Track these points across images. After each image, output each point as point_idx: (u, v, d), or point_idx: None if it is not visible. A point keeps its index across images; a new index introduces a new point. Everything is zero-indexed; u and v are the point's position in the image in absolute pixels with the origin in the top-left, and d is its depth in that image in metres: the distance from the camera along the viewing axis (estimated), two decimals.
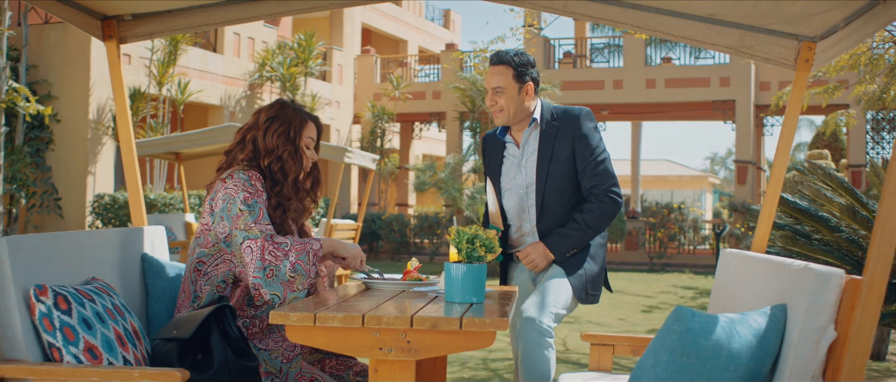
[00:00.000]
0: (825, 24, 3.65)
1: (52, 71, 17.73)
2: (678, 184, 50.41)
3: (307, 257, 3.25)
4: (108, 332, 2.94)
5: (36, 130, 17.39)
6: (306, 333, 2.69)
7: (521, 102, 3.99)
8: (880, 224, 2.57)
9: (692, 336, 2.62)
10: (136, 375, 2.78)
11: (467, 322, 2.61)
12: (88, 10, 3.92)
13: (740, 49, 4.04)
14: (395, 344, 2.65)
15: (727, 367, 2.63)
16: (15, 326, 2.84)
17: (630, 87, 24.18)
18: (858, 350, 2.55)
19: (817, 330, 2.64)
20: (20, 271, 2.88)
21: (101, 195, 17.25)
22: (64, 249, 3.18)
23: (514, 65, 3.96)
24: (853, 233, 5.30)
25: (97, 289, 3.09)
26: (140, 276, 3.67)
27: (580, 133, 3.96)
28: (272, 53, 22.36)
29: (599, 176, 3.93)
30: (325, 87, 25.20)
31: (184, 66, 19.70)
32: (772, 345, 2.73)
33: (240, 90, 21.92)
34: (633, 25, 4.07)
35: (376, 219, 23.45)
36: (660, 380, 2.66)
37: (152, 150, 12.45)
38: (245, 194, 3.30)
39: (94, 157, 17.60)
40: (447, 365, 7.28)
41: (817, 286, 2.66)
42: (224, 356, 3.03)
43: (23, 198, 16.73)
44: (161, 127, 18.66)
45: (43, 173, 17.47)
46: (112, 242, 3.54)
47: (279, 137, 3.49)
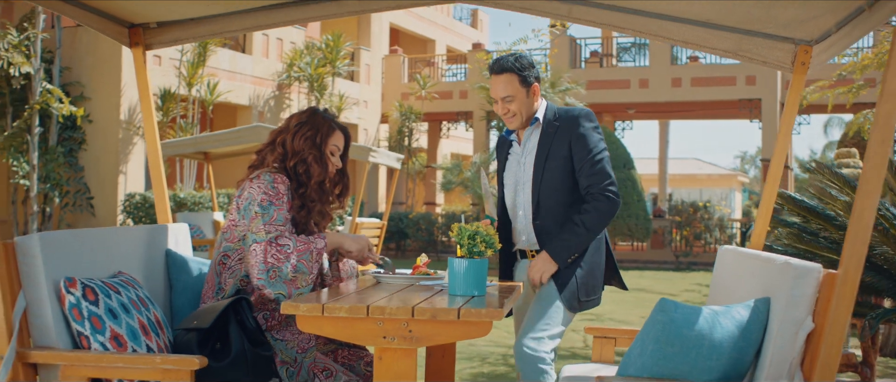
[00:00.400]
0: (819, 29, 3.79)
1: (84, 73, 18.08)
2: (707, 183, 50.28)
3: (310, 255, 3.45)
4: (132, 322, 3.15)
5: (69, 131, 17.75)
6: (315, 322, 2.88)
7: (531, 104, 4.04)
8: (854, 222, 2.72)
9: (675, 326, 2.78)
10: (158, 361, 2.99)
11: (465, 313, 2.79)
12: (116, 18, 4.14)
13: (738, 52, 4.19)
14: (397, 333, 2.83)
15: (710, 356, 2.80)
16: (46, 316, 3.05)
17: (656, 85, 24.23)
18: (833, 341, 2.71)
19: (796, 322, 2.80)
20: (51, 265, 3.09)
21: (132, 194, 17.58)
22: (92, 244, 3.40)
23: (517, 70, 3.99)
24: None
25: (123, 282, 3.30)
26: (164, 270, 3.88)
27: (578, 133, 3.96)
28: (300, 54, 22.62)
29: (596, 175, 3.92)
30: (352, 86, 25.44)
31: (213, 66, 20.00)
32: (754, 336, 2.89)
33: (268, 90, 22.20)
34: (635, 30, 4.23)
35: (404, 218, 23.66)
36: (646, 367, 2.83)
37: (181, 150, 12.72)
38: (263, 195, 3.50)
39: (126, 157, 17.93)
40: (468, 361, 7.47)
41: (796, 281, 2.81)
42: (241, 345, 3.24)
43: (56, 197, 17.09)
44: (191, 127, 18.96)
45: (76, 173, 17.82)
46: (138, 238, 3.75)
47: (306, 141, 3.69)
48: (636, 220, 21.74)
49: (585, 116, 4.02)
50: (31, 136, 16.29)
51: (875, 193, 2.73)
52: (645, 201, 22.52)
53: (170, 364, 2.98)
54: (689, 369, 2.81)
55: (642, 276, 18.19)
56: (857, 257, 2.70)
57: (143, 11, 4.08)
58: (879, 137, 2.73)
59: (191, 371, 2.97)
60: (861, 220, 2.71)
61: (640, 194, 22.15)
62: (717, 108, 25.30)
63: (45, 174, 16.81)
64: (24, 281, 3.07)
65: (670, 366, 2.81)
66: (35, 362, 3.06)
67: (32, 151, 16.30)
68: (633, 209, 21.75)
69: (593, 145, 3.96)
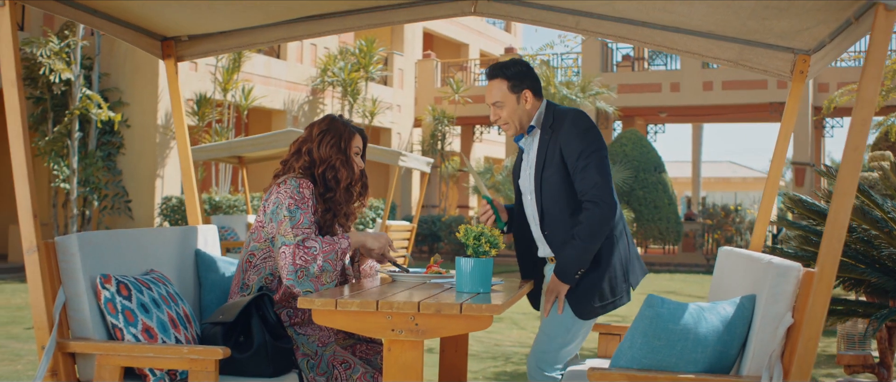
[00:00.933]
0: (815, 39, 3.97)
1: (123, 79, 18.50)
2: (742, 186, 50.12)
3: (335, 255, 3.69)
4: (162, 315, 3.40)
5: (107, 136, 18.17)
6: (329, 316, 3.12)
7: (522, 111, 3.97)
8: (830, 223, 2.91)
9: (661, 320, 2.99)
10: (185, 351, 3.25)
11: (466, 308, 3.01)
12: (149, 32, 4.40)
13: (740, 62, 4.37)
14: (404, 326, 3.06)
15: (695, 349, 3.00)
16: (84, 310, 3.32)
17: (687, 89, 24.31)
18: (811, 334, 2.90)
19: (776, 316, 2.99)
20: (88, 262, 3.36)
21: (168, 197, 17.96)
22: (126, 244, 3.66)
23: (507, 76, 3.95)
24: (864, 233, 5.56)
25: (154, 279, 3.55)
26: (194, 269, 4.14)
27: (565, 136, 3.85)
28: (334, 59, 22.94)
29: (584, 181, 3.79)
30: (386, 91, 25.73)
31: (248, 72, 20.36)
32: (739, 330, 3.08)
33: (302, 95, 22.54)
34: (640, 41, 4.43)
35: (436, 221, 23.89)
36: (635, 359, 3.03)
37: (216, 154, 13.05)
38: (291, 200, 3.74)
39: (163, 160, 18.33)
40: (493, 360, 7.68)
41: (777, 279, 3.01)
42: (262, 338, 3.48)
43: (95, 200, 17.52)
44: (226, 131, 19.33)
45: (114, 177, 18.25)
46: (169, 239, 4.01)
47: (332, 148, 3.92)
48: (667, 223, 21.84)
49: (573, 119, 3.90)
50: (72, 140, 16.73)
51: (849, 195, 2.91)
52: (676, 205, 22.60)
53: (196, 354, 3.24)
54: (675, 361, 3.01)
55: (673, 279, 18.30)
56: (833, 255, 2.88)
57: (175, 25, 4.34)
58: (853, 143, 2.91)
59: (215, 360, 3.22)
60: (836, 221, 2.90)
61: (671, 198, 22.23)
62: (749, 111, 25.31)
63: (84, 178, 17.24)
64: (64, 278, 3.33)
65: (658, 358, 3.01)
66: (73, 351, 3.32)
67: (72, 155, 16.73)
68: (664, 213, 21.85)
69: (581, 147, 3.82)
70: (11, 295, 12.22)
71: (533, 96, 3.98)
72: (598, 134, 3.88)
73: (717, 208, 22.85)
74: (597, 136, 3.87)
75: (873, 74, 2.92)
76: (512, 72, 3.95)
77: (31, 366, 6.94)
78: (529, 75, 3.98)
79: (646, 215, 21.65)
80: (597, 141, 3.85)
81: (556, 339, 3.85)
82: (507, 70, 3.96)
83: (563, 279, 3.81)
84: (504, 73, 3.95)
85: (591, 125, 3.89)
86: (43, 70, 16.23)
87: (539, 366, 3.83)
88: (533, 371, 3.86)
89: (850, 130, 2.92)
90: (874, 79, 2.91)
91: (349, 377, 3.66)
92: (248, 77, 20.31)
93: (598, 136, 3.88)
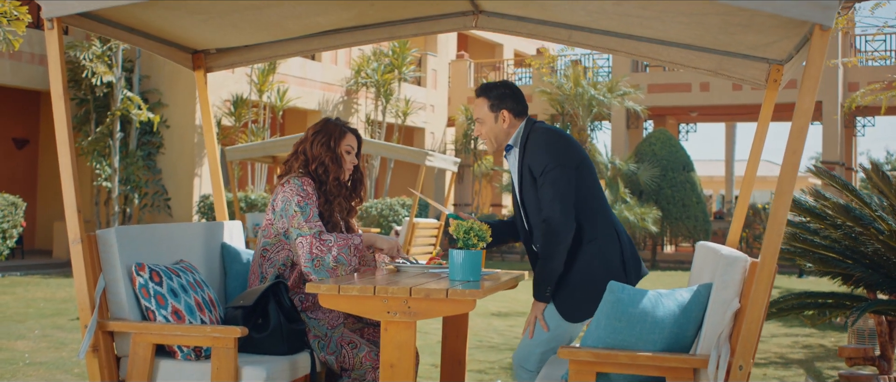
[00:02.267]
0: (784, 51, 4.33)
1: (162, 81, 19.11)
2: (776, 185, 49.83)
3: (349, 249, 4.12)
4: (189, 300, 3.86)
5: (147, 136, 18.80)
6: (333, 300, 3.56)
7: (499, 129, 4.19)
8: (771, 219, 3.30)
9: (622, 304, 3.39)
10: (209, 331, 3.72)
11: (451, 293, 3.44)
12: (180, 45, 4.86)
13: (719, 71, 4.75)
14: (398, 309, 3.49)
15: (653, 330, 3.40)
16: (121, 294, 3.80)
17: (717, 89, 24.51)
18: (753, 317, 3.29)
19: (725, 302, 3.39)
20: (125, 253, 3.83)
21: (206, 196, 18.55)
22: (159, 237, 4.14)
23: (488, 96, 4.20)
24: (850, 230, 5.91)
25: (183, 268, 4.02)
26: (220, 260, 4.60)
27: (530, 155, 4.05)
28: (368, 60, 23.43)
29: (542, 199, 3.97)
30: (419, 91, 26.19)
31: (283, 73, 20.90)
32: (694, 314, 3.48)
33: (337, 96, 23.06)
34: (627, 53, 4.82)
35: None
36: (600, 339, 3.44)
37: (252, 154, 13.57)
38: (298, 197, 4.18)
39: (201, 160, 18.92)
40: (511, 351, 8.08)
41: (726, 268, 3.41)
42: (278, 320, 3.94)
43: (136, 198, 18.16)
44: (262, 131, 19.87)
45: (154, 176, 18.87)
46: (198, 232, 4.48)
47: (322, 147, 4.36)
48: (695, 221, 22.09)
49: (538, 136, 4.07)
50: (113, 141, 17.37)
51: (787, 194, 3.29)
52: (704, 203, 22.83)
53: (218, 333, 3.71)
54: (634, 341, 3.41)
55: None
56: (773, 248, 3.27)
57: (204, 41, 4.80)
58: (792, 148, 3.30)
59: (234, 338, 3.68)
60: (776, 217, 3.28)
61: (700, 197, 22.48)
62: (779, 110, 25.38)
63: (125, 177, 17.88)
64: (104, 266, 3.81)
65: (619, 338, 3.42)
66: (112, 330, 3.80)
67: (114, 155, 17.38)
68: (693, 211, 22.10)
69: (542, 165, 3.98)
70: (57, 289, 12.81)
71: (511, 116, 4.19)
72: (560, 150, 4.00)
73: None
74: (558, 152, 3.99)
75: (809, 87, 3.30)
76: (494, 93, 4.21)
77: (74, 354, 7.46)
78: (510, 97, 4.20)
79: (674, 214, 21.92)
80: (557, 157, 3.97)
81: (540, 342, 4.05)
82: (490, 92, 4.22)
83: (537, 297, 4.01)
84: (486, 93, 4.22)
85: (555, 141, 4.03)
86: (86, 73, 16.87)
87: (521, 363, 4.12)
88: (516, 367, 4.17)
89: (789, 137, 3.31)
90: (810, 91, 3.29)
91: (355, 355, 4.10)
92: (283, 79, 20.85)
93: (560, 152, 3.99)
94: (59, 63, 3.73)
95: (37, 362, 7.05)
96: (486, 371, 7.11)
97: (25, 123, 20.75)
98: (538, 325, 4.06)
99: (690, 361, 3.38)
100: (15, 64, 17.54)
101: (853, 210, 5.83)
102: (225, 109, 19.61)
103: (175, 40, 4.76)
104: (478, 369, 7.18)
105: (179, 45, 4.85)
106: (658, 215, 20.78)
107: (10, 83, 17.63)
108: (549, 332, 4.03)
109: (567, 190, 3.93)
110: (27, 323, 9.21)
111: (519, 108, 4.23)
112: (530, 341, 4.07)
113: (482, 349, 8.36)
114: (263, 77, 19.80)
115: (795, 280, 17.35)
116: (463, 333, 4.65)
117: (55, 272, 15.87)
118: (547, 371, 3.76)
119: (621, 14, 4.29)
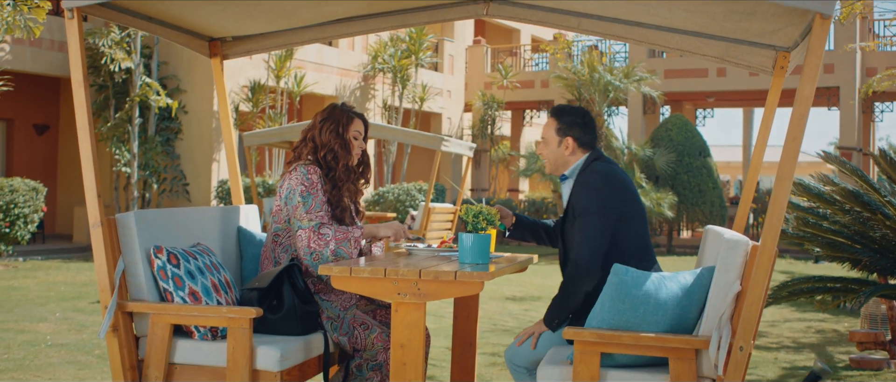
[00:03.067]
0: (790, 38, 4.40)
1: (181, 67, 19.26)
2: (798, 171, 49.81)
3: (348, 242, 4.19)
4: (206, 281, 3.98)
5: (166, 121, 18.97)
6: (345, 282, 3.66)
7: (560, 154, 4.18)
8: (772, 203, 3.38)
9: (625, 287, 3.48)
10: (224, 311, 3.83)
11: (460, 275, 3.53)
12: (197, 33, 4.96)
13: (726, 58, 4.82)
14: (408, 290, 3.59)
15: (656, 312, 3.49)
16: (140, 275, 3.92)
17: (734, 74, 24.45)
18: (754, 299, 3.37)
19: (727, 284, 3.47)
20: (144, 236, 3.94)
21: (224, 181, 18.70)
22: (176, 221, 4.25)
23: (559, 119, 4.19)
24: (858, 215, 5.97)
25: (200, 250, 4.13)
26: (236, 243, 4.71)
27: (577, 191, 4.04)
28: (385, 46, 23.50)
29: (574, 238, 3.97)
30: (436, 77, 26.25)
31: (300, 59, 21.00)
32: (697, 297, 3.57)
33: (354, 81, 23.16)
34: (636, 40, 4.89)
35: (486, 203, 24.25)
36: (604, 321, 3.54)
37: (269, 139, 13.69)
38: (302, 187, 4.26)
39: (219, 145, 19.07)
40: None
41: (728, 251, 3.49)
42: (292, 301, 4.05)
43: (155, 183, 18.34)
44: (279, 117, 20.00)
45: (172, 161, 19.04)
46: (214, 216, 4.59)
47: (331, 133, 4.42)
48: (711, 207, 22.10)
49: (588, 176, 4.03)
50: (132, 126, 17.54)
51: (788, 179, 3.37)
52: (720, 189, 22.83)
53: (233, 313, 3.82)
54: (638, 322, 3.50)
55: None
56: (773, 232, 3.35)
57: (220, 29, 4.90)
58: (792, 134, 3.37)
59: (249, 319, 3.79)
60: (776, 201, 3.36)
61: (716, 182, 22.48)
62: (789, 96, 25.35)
63: (144, 162, 18.05)
64: (123, 249, 3.92)
65: (623, 319, 3.51)
66: (131, 311, 3.92)
67: (133, 140, 17.55)
68: (709, 197, 22.11)
69: (583, 205, 3.95)
70: (77, 273, 12.99)
71: (575, 144, 4.16)
72: (605, 195, 3.94)
73: (761, 191, 23.03)
74: (601, 197, 3.93)
75: (810, 74, 3.37)
76: (565, 118, 4.18)
77: (95, 335, 7.60)
78: (580, 126, 4.17)
79: (690, 199, 21.94)
80: (599, 202, 3.92)
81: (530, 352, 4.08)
82: (562, 116, 4.20)
83: (546, 322, 4.00)
84: (558, 116, 4.20)
85: (603, 186, 3.96)
86: (105, 59, 17.03)
87: (511, 360, 4.17)
88: (508, 363, 4.21)
89: (789, 123, 3.38)
90: (810, 79, 3.37)
91: (367, 336, 4.20)
92: (300, 65, 20.95)
93: (605, 197, 3.94)
94: (79, 52, 3.84)
95: (58, 343, 7.19)
96: (498, 354, 7.21)
97: (46, 110, 20.96)
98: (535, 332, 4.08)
99: (692, 342, 3.47)
100: (35, 51, 17.71)
101: (862, 196, 5.89)
102: (243, 95, 19.74)
103: (192, 28, 4.86)
104: (491, 352, 7.28)
105: (196, 33, 4.95)
106: (674, 201, 20.81)
107: (30, 70, 17.81)
108: (545, 339, 4.06)
109: (598, 237, 3.87)
110: (48, 306, 9.38)
111: (586, 138, 4.18)
112: (520, 348, 4.11)
113: (496, 332, 8.47)
114: (281, 63, 19.92)
115: (811, 266, 17.35)
116: (474, 315, 4.75)
117: (75, 257, 16.07)
118: (552, 354, 3.85)
119: (627, 2, 4.37)
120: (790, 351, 7.80)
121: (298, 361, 4.00)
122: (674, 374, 3.47)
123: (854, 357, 6.93)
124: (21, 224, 13.77)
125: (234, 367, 3.79)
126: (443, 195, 21.91)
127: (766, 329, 9.04)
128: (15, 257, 15.06)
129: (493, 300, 10.99)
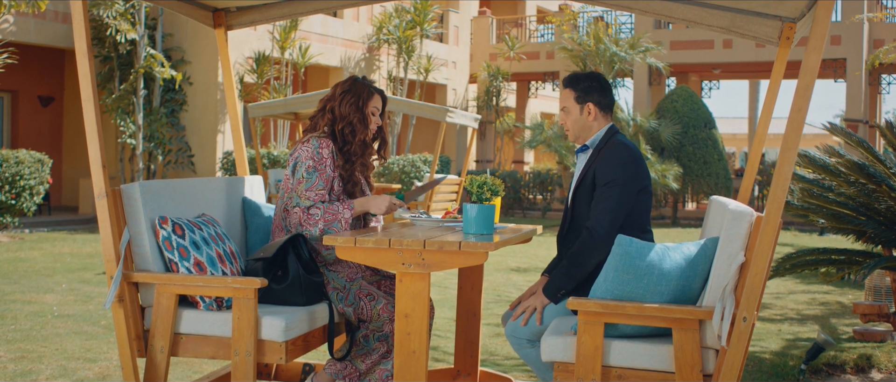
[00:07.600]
0: (797, 9, 4.38)
1: (185, 38, 19.22)
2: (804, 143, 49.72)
3: (339, 224, 4.18)
4: (211, 252, 3.99)
5: (171, 93, 18.96)
6: (350, 252, 3.68)
7: (584, 121, 4.20)
8: (776, 175, 3.37)
9: (629, 258, 3.49)
10: (229, 282, 3.84)
11: (464, 245, 3.54)
12: (201, 4, 4.95)
13: (732, 29, 4.79)
14: (413, 260, 3.60)
15: (660, 282, 3.49)
16: (145, 246, 3.92)
17: (740, 45, 24.37)
18: (757, 270, 3.37)
19: (731, 255, 3.47)
20: (149, 207, 3.95)
21: (229, 152, 18.71)
22: (181, 191, 4.25)
23: (574, 87, 4.21)
24: (863, 187, 5.96)
25: (205, 221, 4.14)
26: (241, 214, 4.71)
27: (602, 163, 4.05)
28: (389, 17, 23.43)
29: (595, 207, 3.99)
30: (441, 48, 26.18)
31: (305, 30, 20.95)
32: (700, 267, 3.57)
33: (358, 53, 23.11)
34: (641, 10, 4.86)
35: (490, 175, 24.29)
36: (608, 291, 3.55)
37: (274, 110, 13.69)
38: (310, 161, 4.26)
39: (224, 117, 19.07)
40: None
41: (732, 222, 3.49)
42: (297, 271, 4.06)
43: (160, 155, 18.35)
44: (284, 88, 19.98)
45: (177, 132, 19.04)
46: (219, 187, 4.59)
47: (350, 106, 4.41)
48: (716, 179, 22.09)
49: (615, 149, 4.08)
50: (137, 98, 17.53)
51: (792, 150, 3.37)
52: (725, 161, 22.80)
53: (238, 283, 3.83)
54: (642, 292, 3.51)
55: None
56: (778, 203, 3.35)
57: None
58: (797, 105, 3.37)
59: (254, 289, 3.80)
60: (780, 172, 3.36)
61: (721, 154, 22.45)
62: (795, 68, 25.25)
63: (149, 134, 18.06)
64: (128, 219, 3.93)
65: (627, 290, 3.52)
66: (136, 281, 3.93)
67: (138, 112, 17.54)
68: (714, 168, 22.09)
69: (609, 177, 3.99)
70: (83, 245, 13.04)
71: (597, 109, 4.20)
72: (631, 170, 4.02)
73: (766, 163, 23.00)
74: (628, 171, 4.01)
75: (815, 45, 3.36)
76: (581, 85, 4.22)
77: (101, 306, 7.64)
78: (597, 90, 4.22)
79: (695, 171, 21.92)
80: (626, 175, 4.00)
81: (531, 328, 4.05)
82: (577, 83, 4.23)
83: (546, 293, 4.01)
84: (573, 84, 4.24)
85: (630, 160, 4.04)
86: (109, 31, 16.99)
87: (512, 333, 4.13)
88: (508, 336, 4.17)
89: (794, 94, 3.37)
90: (816, 50, 3.36)
91: (373, 307, 4.22)
92: (305, 35, 20.90)
93: (631, 171, 4.02)
94: (83, 23, 3.83)
95: (65, 314, 7.23)
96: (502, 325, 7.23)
97: (50, 81, 20.96)
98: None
99: (696, 312, 3.48)
100: (39, 22, 17.69)
101: (867, 168, 5.87)
102: (247, 67, 19.72)
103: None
104: (495, 322, 7.30)
105: (200, 4, 4.93)
106: (679, 172, 20.79)
107: (34, 41, 17.79)
108: (546, 312, 4.04)
109: (619, 209, 3.95)
110: (55, 278, 9.42)
111: (605, 101, 4.23)
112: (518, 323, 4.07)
113: (501, 303, 8.49)
114: (285, 34, 19.87)
115: (816, 238, 17.36)
116: (478, 286, 4.76)
117: (81, 228, 16.12)
118: (556, 324, 3.85)
119: None
120: (794, 323, 7.82)
121: (303, 331, 4.01)
122: (677, 344, 3.48)
123: (858, 329, 6.95)
124: (27, 196, 13.80)
125: (239, 337, 3.81)
126: (447, 167, 21.92)
127: (770, 301, 9.06)
128: (21, 228, 15.11)
129: (497, 271, 11.02)
